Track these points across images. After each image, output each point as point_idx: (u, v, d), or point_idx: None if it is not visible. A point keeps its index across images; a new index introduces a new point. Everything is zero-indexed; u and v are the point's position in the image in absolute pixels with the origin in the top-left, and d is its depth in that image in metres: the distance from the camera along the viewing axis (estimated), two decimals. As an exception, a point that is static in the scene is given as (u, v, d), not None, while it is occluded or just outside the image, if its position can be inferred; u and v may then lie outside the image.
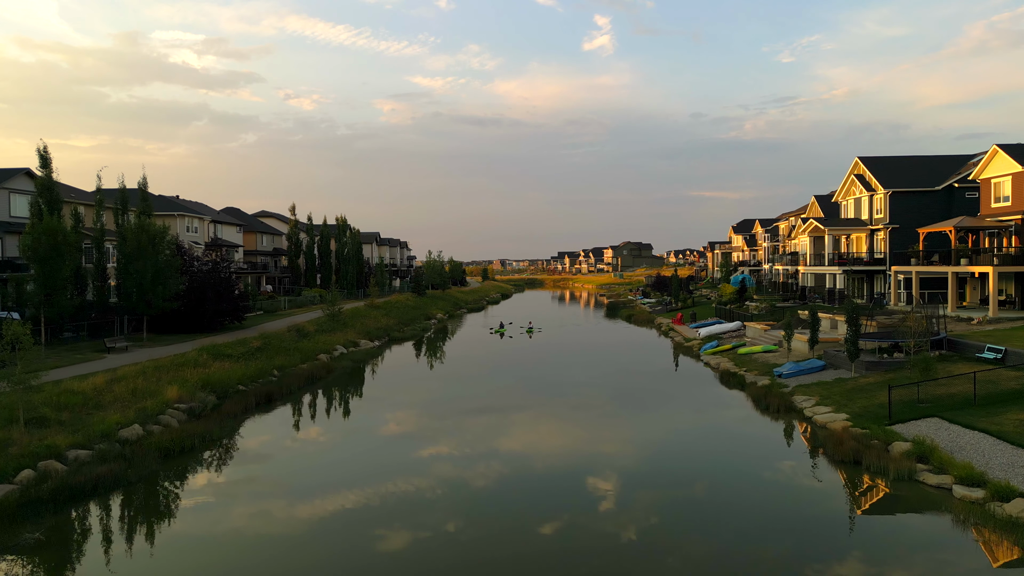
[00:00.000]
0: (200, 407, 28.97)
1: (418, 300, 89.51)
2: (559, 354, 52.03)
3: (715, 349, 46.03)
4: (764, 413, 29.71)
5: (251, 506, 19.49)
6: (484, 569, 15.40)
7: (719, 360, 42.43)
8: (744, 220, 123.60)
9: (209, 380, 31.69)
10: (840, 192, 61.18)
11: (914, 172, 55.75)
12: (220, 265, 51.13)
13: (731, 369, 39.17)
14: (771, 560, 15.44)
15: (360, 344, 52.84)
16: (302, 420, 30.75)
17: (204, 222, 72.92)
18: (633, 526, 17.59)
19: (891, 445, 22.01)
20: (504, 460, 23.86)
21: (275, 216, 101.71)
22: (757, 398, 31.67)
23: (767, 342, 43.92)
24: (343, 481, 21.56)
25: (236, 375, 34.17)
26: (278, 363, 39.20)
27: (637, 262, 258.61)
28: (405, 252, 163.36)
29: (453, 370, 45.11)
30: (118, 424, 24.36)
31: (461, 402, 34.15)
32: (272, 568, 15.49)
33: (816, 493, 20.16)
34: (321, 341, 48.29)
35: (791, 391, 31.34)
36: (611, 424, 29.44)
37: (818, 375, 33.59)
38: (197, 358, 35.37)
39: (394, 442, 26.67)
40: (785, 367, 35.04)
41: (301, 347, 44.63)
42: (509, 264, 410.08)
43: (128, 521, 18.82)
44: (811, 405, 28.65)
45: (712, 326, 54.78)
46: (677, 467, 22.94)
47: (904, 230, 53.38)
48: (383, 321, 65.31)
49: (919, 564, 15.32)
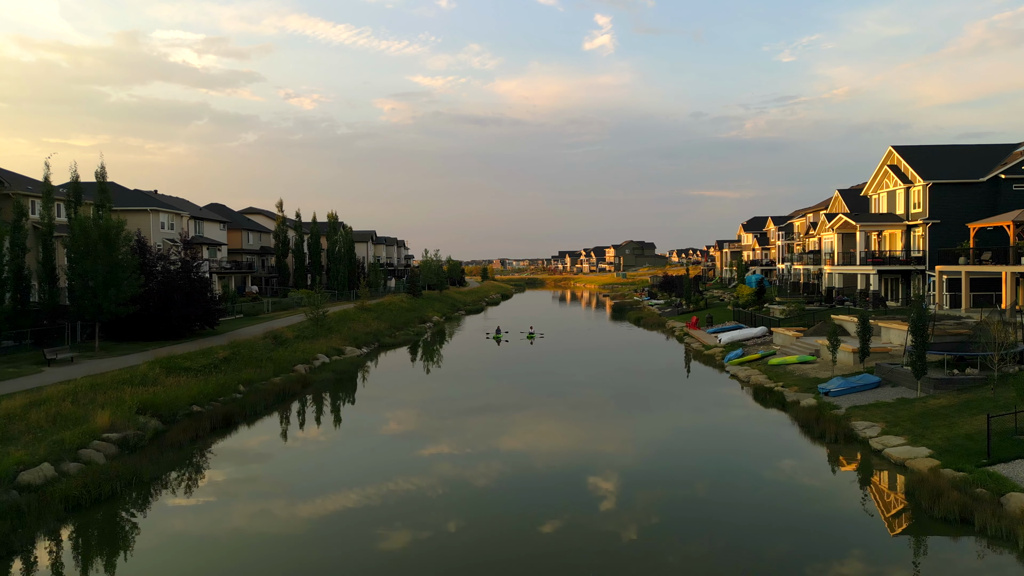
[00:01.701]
0: (137, 437, 23.95)
1: (413, 302, 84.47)
2: (565, 363, 46.99)
3: (741, 359, 41.02)
4: (818, 442, 24.67)
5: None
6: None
7: (748, 372, 37.41)
8: (754, 218, 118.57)
9: (154, 401, 26.65)
10: (871, 185, 56.14)
11: (954, 162, 50.70)
12: (191, 264, 46.10)
13: (765, 383, 34.18)
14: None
15: (345, 352, 47.82)
16: (261, 450, 25.71)
17: (183, 218, 67.86)
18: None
19: (1005, 497, 17.01)
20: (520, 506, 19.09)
21: (263, 213, 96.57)
22: (806, 423, 26.59)
23: (802, 351, 38.92)
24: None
25: (191, 393, 29.12)
26: (246, 377, 34.16)
27: (640, 261, 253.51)
28: (402, 251, 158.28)
29: (443, 388, 40.05)
30: (19, 464, 19.30)
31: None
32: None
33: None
34: (300, 349, 43.25)
35: (845, 414, 26.34)
36: (638, 443, 24.46)
37: (874, 394, 28.56)
38: (148, 373, 30.37)
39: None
40: (832, 383, 30.03)
41: (276, 357, 39.60)
42: (509, 264, 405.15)
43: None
44: (877, 435, 23.64)
45: (733, 331, 49.79)
46: (739, 523, 17.89)
47: (945, 226, 48.33)
48: (373, 325, 60.28)
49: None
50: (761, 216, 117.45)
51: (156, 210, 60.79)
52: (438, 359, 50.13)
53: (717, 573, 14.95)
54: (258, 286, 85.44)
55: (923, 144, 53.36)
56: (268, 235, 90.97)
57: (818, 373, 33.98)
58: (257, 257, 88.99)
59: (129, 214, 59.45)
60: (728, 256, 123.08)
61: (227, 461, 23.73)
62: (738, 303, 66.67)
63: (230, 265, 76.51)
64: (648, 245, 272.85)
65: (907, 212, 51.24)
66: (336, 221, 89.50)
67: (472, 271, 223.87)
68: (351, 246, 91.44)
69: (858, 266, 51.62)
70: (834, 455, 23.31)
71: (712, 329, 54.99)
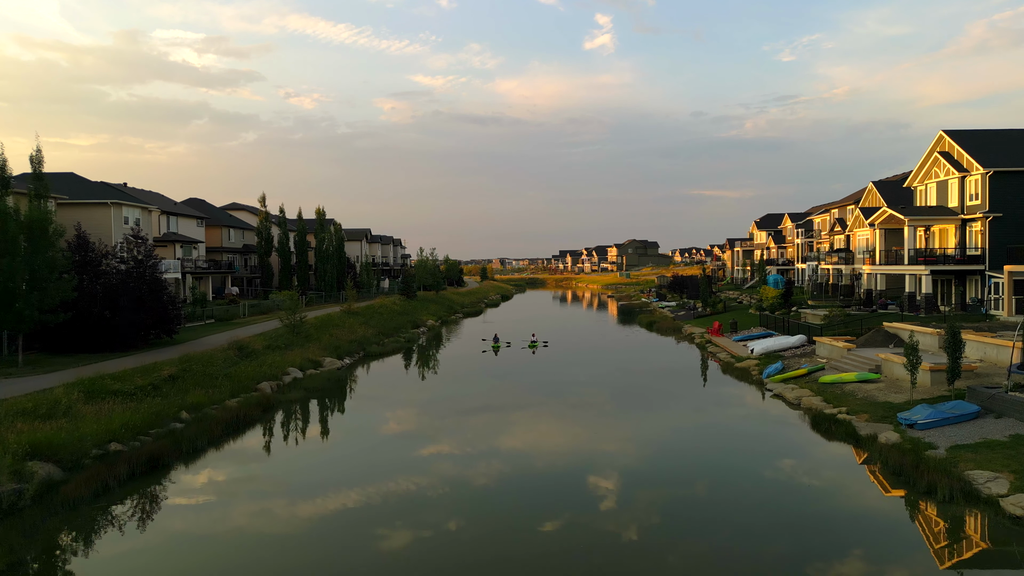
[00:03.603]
0: (15, 493, 17.92)
1: (406, 304, 78.38)
2: (576, 374, 40.99)
3: (783, 375, 35.00)
4: (923, 497, 18.65)
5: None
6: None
7: (798, 392, 31.36)
8: (768, 215, 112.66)
9: (54, 440, 20.57)
10: (917, 175, 50.13)
11: (1015, 148, 44.75)
12: (145, 263, 40.05)
13: (822, 408, 28.14)
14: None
15: (324, 364, 41.78)
16: (192, 501, 19.69)
17: (152, 213, 61.77)
18: None
19: None
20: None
21: (248, 209, 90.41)
22: (899, 469, 20.49)
23: (858, 367, 32.91)
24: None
25: (112, 425, 23.05)
26: (193, 400, 28.11)
27: (643, 261, 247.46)
28: (399, 250, 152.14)
29: (432, 415, 34.01)
30: None
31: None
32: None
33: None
34: (268, 363, 37.19)
35: (948, 457, 20.28)
36: (693, 486, 18.56)
37: (976, 428, 22.54)
38: (62, 399, 24.29)
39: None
40: (917, 412, 23.97)
41: (237, 373, 33.58)
42: (509, 263, 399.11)
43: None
44: (1006, 492, 17.59)
45: (765, 340, 43.75)
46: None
47: (1009, 220, 42.44)
48: (360, 331, 54.22)
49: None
50: (775, 213, 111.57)
51: (118, 203, 54.63)
52: (428, 374, 44.10)
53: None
54: (239, 287, 79.39)
55: (979, 128, 47.35)
56: (253, 232, 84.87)
57: (888, 396, 27.97)
58: (240, 256, 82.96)
59: (85, 208, 53.47)
60: (740, 255, 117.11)
61: (132, 533, 17.69)
62: (762, 306, 60.70)
63: (207, 264, 70.44)
64: (652, 244, 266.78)
65: (962, 204, 45.26)
66: (323, 217, 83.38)
67: (471, 271, 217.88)
68: (340, 244, 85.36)
69: (906, 265, 45.60)
70: (958, 524, 17.28)
71: (739, 337, 48.97)
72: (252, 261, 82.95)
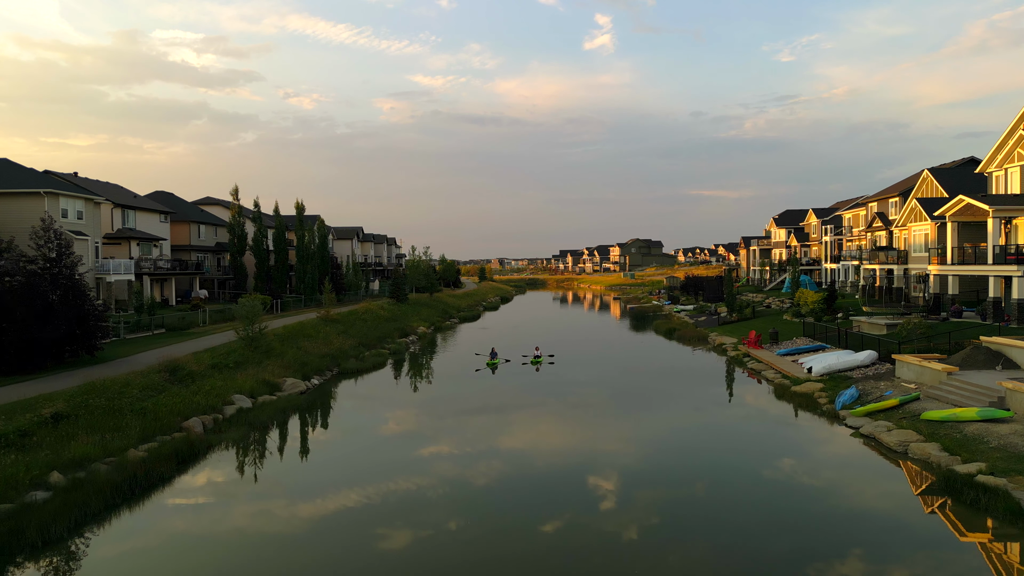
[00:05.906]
0: None
1: (396, 308, 70.56)
2: (603, 409, 33.22)
3: (867, 407, 27.12)
4: None
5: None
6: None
7: (900, 436, 23.41)
8: (788, 211, 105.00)
9: None
10: (994, 159, 42.35)
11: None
12: (59, 263, 32.23)
13: (944, 461, 20.32)
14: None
15: (284, 387, 33.93)
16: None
17: (101, 206, 53.93)
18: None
19: None
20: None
21: (222, 203, 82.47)
22: None
23: (968, 398, 25.09)
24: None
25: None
26: (78, 452, 20.29)
27: (647, 261, 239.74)
28: (393, 249, 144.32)
29: (415, 458, 26.22)
30: None
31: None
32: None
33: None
34: (207, 389, 29.31)
35: None
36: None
37: None
38: None
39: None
40: (1119, 482, 16.18)
41: (158, 406, 25.67)
42: (508, 263, 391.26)
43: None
44: None
45: (823, 356, 35.97)
46: None
47: (1123, 209, 34.68)
48: (336, 343, 46.36)
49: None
50: (796, 209, 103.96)
51: (54, 193, 46.76)
52: (412, 397, 36.29)
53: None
54: (209, 290, 71.56)
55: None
56: (226, 229, 76.91)
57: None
58: (212, 255, 75.18)
59: (12, 198, 45.73)
60: (756, 254, 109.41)
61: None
62: (800, 312, 52.97)
63: (171, 264, 62.55)
64: (655, 244, 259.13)
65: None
66: (303, 213, 75.49)
67: (469, 271, 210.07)
68: (324, 241, 77.53)
69: (990, 265, 37.79)
70: None
71: (785, 350, 41.15)
72: (226, 261, 75.17)
